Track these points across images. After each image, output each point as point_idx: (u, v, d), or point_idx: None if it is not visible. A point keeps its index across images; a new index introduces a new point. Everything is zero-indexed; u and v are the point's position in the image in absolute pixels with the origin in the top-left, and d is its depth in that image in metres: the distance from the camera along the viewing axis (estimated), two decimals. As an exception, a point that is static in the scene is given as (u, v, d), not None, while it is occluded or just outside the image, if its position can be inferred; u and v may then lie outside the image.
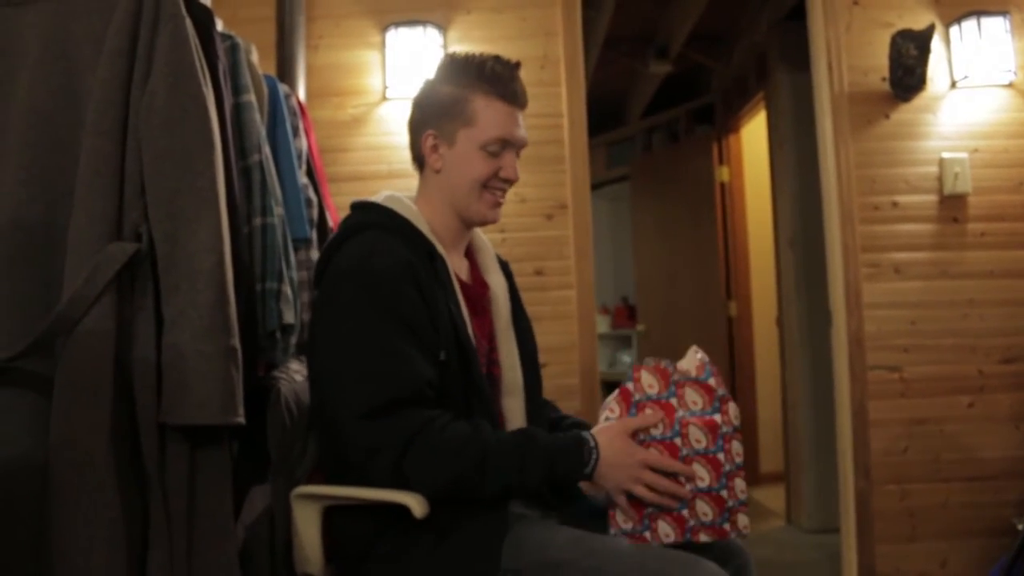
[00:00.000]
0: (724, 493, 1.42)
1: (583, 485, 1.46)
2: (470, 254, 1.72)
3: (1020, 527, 2.61)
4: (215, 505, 1.39)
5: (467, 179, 1.58)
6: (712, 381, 1.45)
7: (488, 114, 1.57)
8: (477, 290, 1.66)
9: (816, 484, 3.84)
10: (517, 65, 1.62)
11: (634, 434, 1.43)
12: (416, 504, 1.36)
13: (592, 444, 1.41)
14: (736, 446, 1.43)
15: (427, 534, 1.40)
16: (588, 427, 1.70)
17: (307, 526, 1.49)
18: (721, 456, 1.42)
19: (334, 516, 1.50)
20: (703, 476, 1.42)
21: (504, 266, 1.78)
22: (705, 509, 1.42)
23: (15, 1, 1.47)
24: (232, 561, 1.40)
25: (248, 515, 1.58)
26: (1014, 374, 2.79)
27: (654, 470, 1.40)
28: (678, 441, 1.42)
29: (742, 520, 1.43)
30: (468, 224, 1.65)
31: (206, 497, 1.38)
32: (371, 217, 1.58)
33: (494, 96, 1.57)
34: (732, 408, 1.44)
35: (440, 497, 1.39)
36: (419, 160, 1.65)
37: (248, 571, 1.51)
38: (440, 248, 1.56)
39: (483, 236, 1.77)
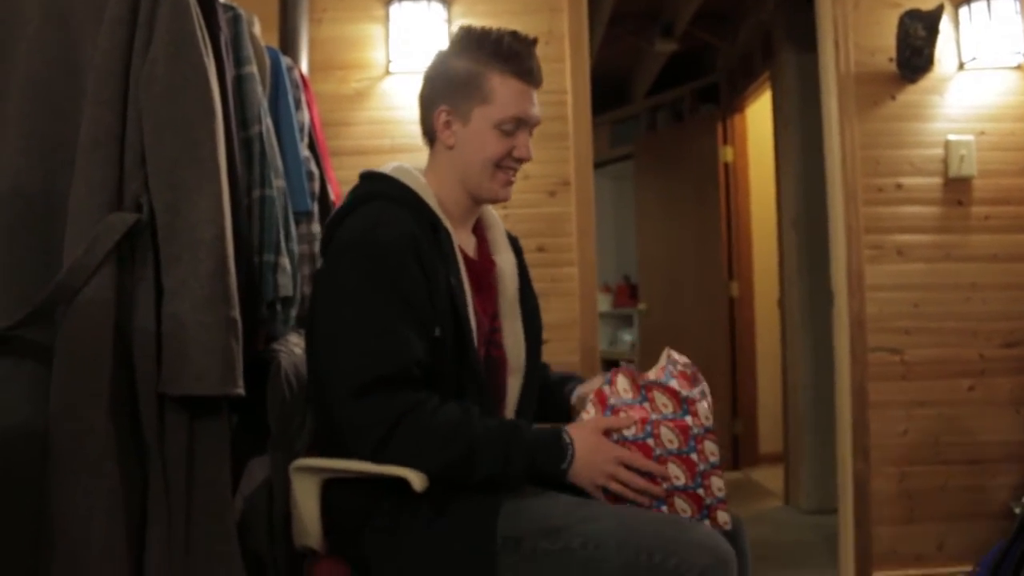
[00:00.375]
0: (701, 491, 1.43)
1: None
2: (479, 230, 1.71)
3: (1017, 511, 2.62)
4: (214, 476, 1.39)
5: (480, 157, 1.56)
6: (674, 383, 1.46)
7: (504, 92, 1.54)
8: (483, 266, 1.65)
9: (815, 465, 3.85)
10: (534, 42, 1.59)
11: (607, 433, 1.45)
12: (416, 478, 1.37)
13: (568, 440, 1.43)
14: (710, 446, 1.44)
15: (424, 506, 1.41)
16: (581, 381, 1.76)
17: (306, 498, 1.50)
18: (694, 456, 1.43)
19: (332, 489, 1.50)
20: (678, 475, 1.43)
21: (514, 242, 1.77)
22: (683, 506, 1.44)
23: (15, -31, 1.46)
24: (230, 532, 1.41)
25: (247, 487, 1.58)
26: (1015, 358, 2.78)
27: (629, 468, 1.42)
28: (651, 442, 1.44)
29: (722, 517, 1.44)
30: (478, 201, 1.63)
31: (205, 468, 1.39)
32: (378, 187, 1.56)
33: (510, 74, 1.54)
34: (702, 409, 1.44)
35: (424, 477, 1.39)
36: (430, 135, 1.62)
37: (246, 542, 1.51)
38: (446, 221, 1.55)
39: (493, 212, 1.75)
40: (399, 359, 1.40)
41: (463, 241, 1.62)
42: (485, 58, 1.55)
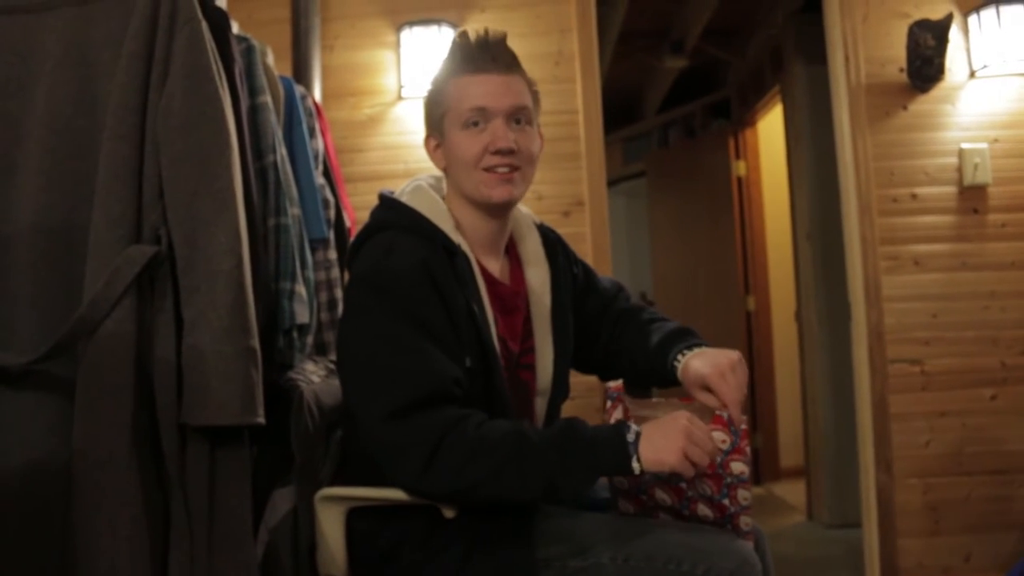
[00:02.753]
0: (726, 501, 1.43)
1: None
2: (511, 248, 1.65)
3: (1045, 520, 2.59)
4: (235, 505, 1.39)
5: (460, 163, 1.52)
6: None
7: (456, 91, 1.52)
8: (512, 288, 1.60)
9: (836, 479, 3.82)
10: (485, 32, 1.54)
11: None
12: (446, 507, 1.37)
13: (628, 425, 1.34)
14: (737, 466, 1.42)
15: (456, 535, 1.39)
16: (686, 336, 1.64)
17: (331, 528, 1.49)
18: (721, 471, 1.42)
19: (358, 518, 1.50)
20: (705, 488, 1.43)
21: (553, 245, 1.69)
22: (706, 512, 1.45)
23: (35, 8, 1.48)
24: (252, 562, 1.41)
25: (271, 518, 1.59)
26: (1037, 366, 2.76)
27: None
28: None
29: (744, 520, 1.44)
30: (489, 212, 1.55)
31: (226, 497, 1.39)
32: (389, 217, 1.54)
33: (462, 73, 1.52)
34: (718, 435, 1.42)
35: (473, 499, 1.36)
36: (436, 166, 1.62)
37: (271, 573, 1.51)
38: (464, 246, 1.51)
39: (526, 222, 1.68)
40: (434, 378, 1.36)
41: (490, 264, 1.57)
42: (442, 75, 1.56)
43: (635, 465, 1.31)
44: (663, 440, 1.31)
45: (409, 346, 1.38)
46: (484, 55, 1.52)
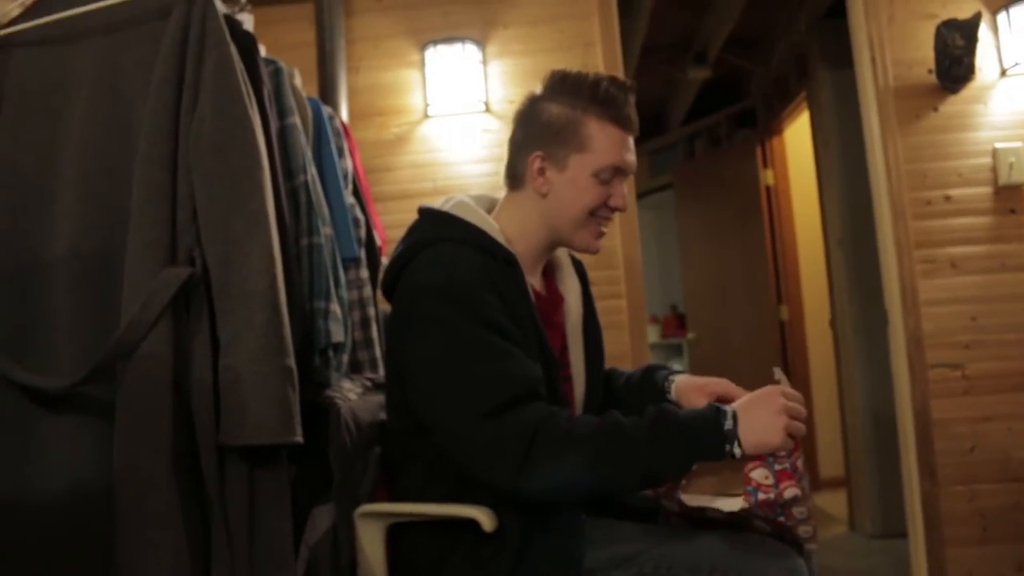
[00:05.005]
0: (782, 519, 1.38)
1: None
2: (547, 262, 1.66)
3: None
4: (276, 524, 1.39)
5: (576, 207, 1.51)
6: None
7: (602, 139, 1.49)
8: (551, 301, 1.61)
9: (879, 488, 3.76)
10: (632, 87, 1.53)
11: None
12: (484, 517, 1.35)
13: (722, 406, 1.32)
14: (790, 491, 1.35)
15: (503, 551, 1.37)
16: (663, 366, 1.73)
17: (371, 545, 1.49)
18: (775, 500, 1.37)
19: (400, 534, 1.49)
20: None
21: (578, 267, 1.72)
22: (762, 526, 1.41)
23: (67, 38, 1.51)
24: (294, 581, 1.41)
25: (311, 536, 1.58)
26: (1082, 367, 2.70)
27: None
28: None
29: (803, 529, 1.40)
30: (568, 247, 1.60)
31: (266, 517, 1.39)
32: (443, 231, 1.51)
33: (608, 120, 1.49)
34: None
35: (572, 492, 1.33)
36: (516, 179, 1.57)
37: (312, 591, 1.51)
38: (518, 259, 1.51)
39: None
40: (522, 378, 1.35)
41: (532, 280, 1.57)
42: (583, 104, 1.50)
43: (736, 450, 1.29)
44: (764, 421, 1.29)
45: (493, 350, 1.36)
46: (631, 115, 1.52)
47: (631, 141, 1.53)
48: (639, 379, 1.71)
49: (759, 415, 1.29)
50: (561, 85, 1.53)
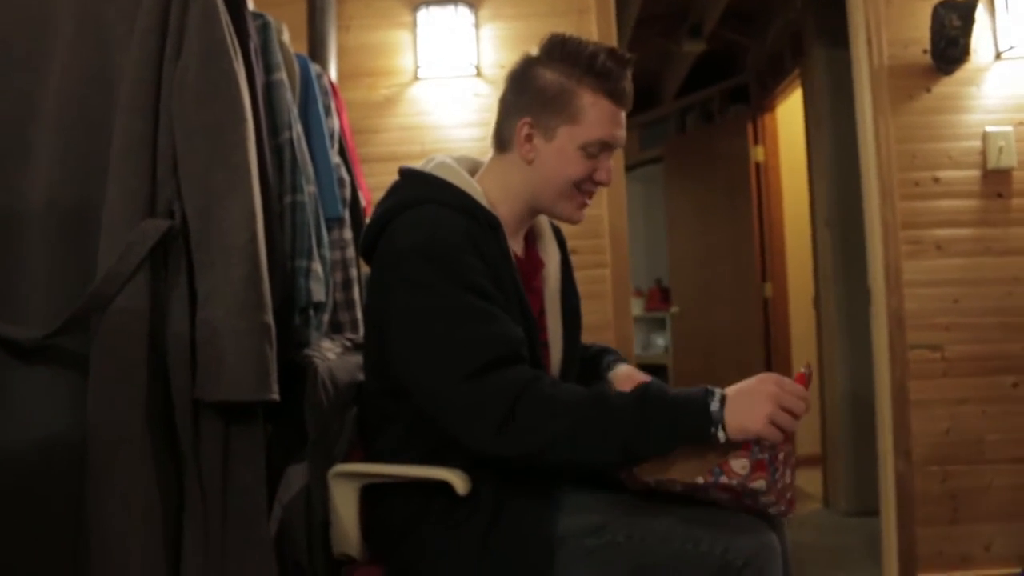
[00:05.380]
0: (749, 501, 1.37)
1: None
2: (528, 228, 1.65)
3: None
4: (249, 482, 1.39)
5: (561, 178, 1.49)
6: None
7: (594, 113, 1.47)
8: (532, 266, 1.61)
9: (854, 466, 3.79)
10: (630, 61, 1.50)
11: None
12: (458, 481, 1.36)
13: (711, 388, 1.30)
14: (756, 483, 1.33)
15: (476, 514, 1.38)
16: (617, 354, 1.76)
17: (345, 505, 1.49)
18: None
19: (373, 495, 1.49)
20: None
21: (557, 233, 1.71)
22: (721, 496, 1.38)
23: (49, -15, 1.47)
24: (266, 538, 1.40)
25: (285, 494, 1.58)
26: (1060, 353, 2.72)
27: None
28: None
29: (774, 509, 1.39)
30: (546, 215, 1.59)
31: (240, 474, 1.38)
32: (425, 192, 1.49)
33: (602, 94, 1.47)
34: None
35: (548, 459, 1.30)
36: (503, 143, 1.54)
37: (285, 550, 1.51)
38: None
39: None
40: (505, 339, 1.34)
41: (513, 244, 1.56)
42: (579, 74, 1.46)
43: (719, 433, 1.27)
44: (748, 407, 1.26)
45: (475, 312, 1.35)
46: (626, 90, 1.49)
47: (623, 116, 1.51)
48: (590, 357, 1.73)
49: (746, 400, 1.27)
50: (559, 51, 1.49)
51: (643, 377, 1.60)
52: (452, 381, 1.31)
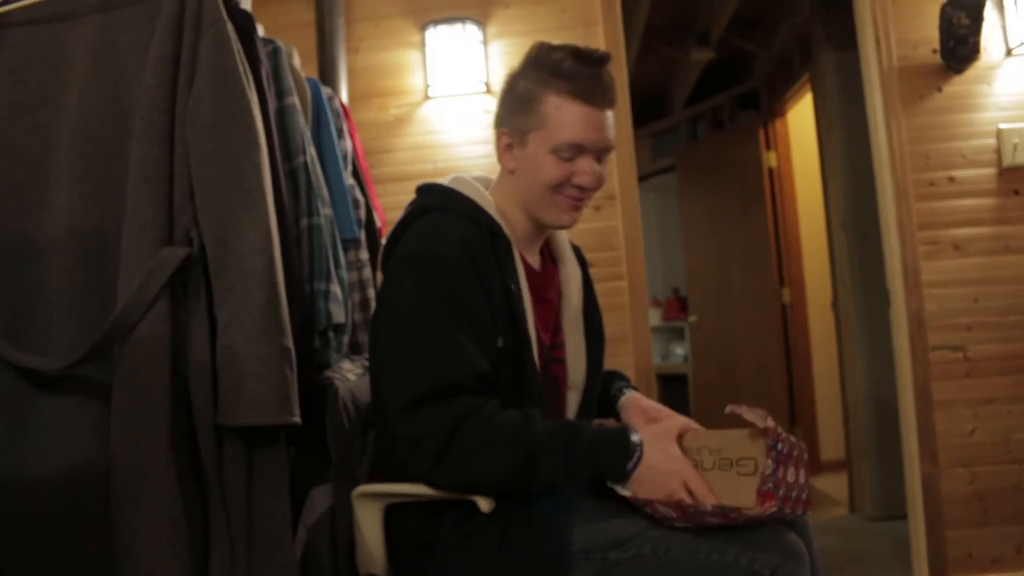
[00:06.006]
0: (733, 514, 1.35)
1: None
2: (545, 246, 1.65)
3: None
4: (273, 505, 1.39)
5: (537, 184, 1.49)
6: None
7: (559, 116, 1.45)
8: (545, 277, 1.61)
9: (879, 470, 3.75)
10: (602, 58, 1.48)
11: (680, 436, 1.39)
12: (482, 499, 1.36)
13: (637, 441, 1.36)
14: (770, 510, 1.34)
15: (492, 526, 1.38)
16: (627, 380, 1.75)
17: (369, 525, 1.49)
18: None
19: (395, 514, 1.49)
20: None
21: (578, 252, 1.71)
22: (713, 521, 1.37)
23: (63, 16, 1.49)
24: (291, 561, 1.41)
25: (309, 516, 1.58)
26: (1084, 349, 2.69)
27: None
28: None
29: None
30: (543, 225, 1.57)
31: (264, 498, 1.39)
32: (433, 200, 1.53)
33: (567, 95, 1.45)
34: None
35: (479, 492, 1.36)
36: (498, 156, 1.57)
37: (311, 572, 1.51)
38: (506, 229, 1.50)
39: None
40: (455, 370, 1.36)
41: (528, 256, 1.57)
42: (543, 78, 1.47)
43: (623, 491, 1.35)
44: (655, 483, 1.34)
45: (440, 336, 1.37)
46: (596, 86, 1.46)
47: (600, 116, 1.47)
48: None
49: (659, 476, 1.34)
50: (529, 59, 1.51)
51: (649, 404, 1.63)
52: (396, 410, 1.36)
